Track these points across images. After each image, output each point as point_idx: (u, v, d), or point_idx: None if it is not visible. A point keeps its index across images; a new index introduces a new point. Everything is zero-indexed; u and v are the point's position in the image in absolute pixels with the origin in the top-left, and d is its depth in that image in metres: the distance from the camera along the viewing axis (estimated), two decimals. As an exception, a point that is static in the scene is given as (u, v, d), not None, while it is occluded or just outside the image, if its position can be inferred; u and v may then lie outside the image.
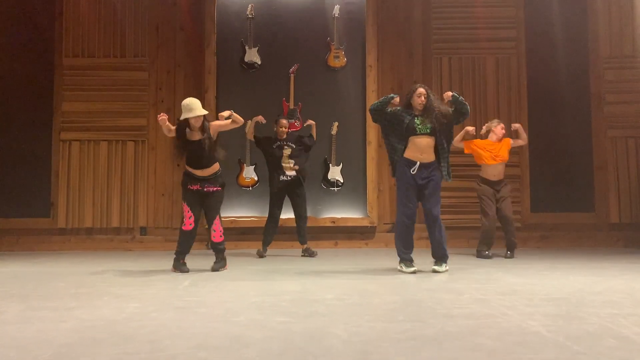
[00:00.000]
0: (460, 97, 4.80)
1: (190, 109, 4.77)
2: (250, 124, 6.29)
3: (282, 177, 6.19)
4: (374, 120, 4.92)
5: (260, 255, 6.19)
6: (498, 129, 6.09)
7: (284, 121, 6.36)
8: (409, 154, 4.66)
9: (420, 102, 4.69)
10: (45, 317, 2.94)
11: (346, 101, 7.53)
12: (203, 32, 7.43)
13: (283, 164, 6.20)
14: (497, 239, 6.07)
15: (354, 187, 7.39)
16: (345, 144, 7.42)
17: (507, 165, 6.23)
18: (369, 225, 7.27)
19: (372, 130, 7.30)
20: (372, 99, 7.38)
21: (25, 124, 7.36)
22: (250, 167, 7.29)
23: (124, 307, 3.21)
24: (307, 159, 6.42)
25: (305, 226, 6.29)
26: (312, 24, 7.56)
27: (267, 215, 6.31)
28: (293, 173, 6.20)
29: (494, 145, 6.05)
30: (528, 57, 7.59)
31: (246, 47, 7.48)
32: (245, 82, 7.50)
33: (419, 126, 4.65)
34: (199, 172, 4.86)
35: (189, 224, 4.85)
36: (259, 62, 7.49)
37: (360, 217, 7.33)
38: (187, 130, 4.86)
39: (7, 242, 7.14)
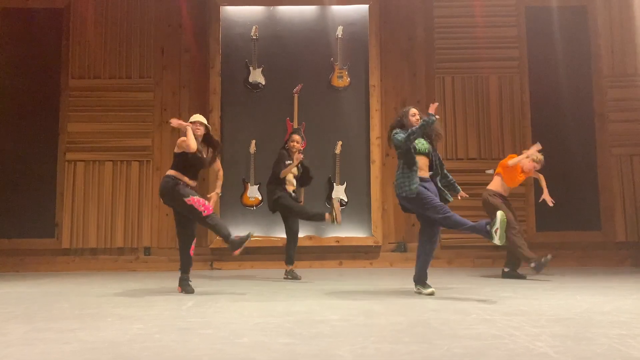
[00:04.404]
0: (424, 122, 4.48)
1: (195, 117, 4.88)
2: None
3: (288, 189, 5.87)
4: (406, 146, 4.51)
5: (296, 276, 5.84)
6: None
7: (297, 136, 6.02)
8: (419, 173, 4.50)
9: (415, 120, 4.60)
10: (49, 339, 2.92)
11: (350, 121, 7.56)
12: (208, 53, 7.51)
13: (287, 179, 5.87)
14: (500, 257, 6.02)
15: (358, 206, 7.38)
16: (349, 163, 7.43)
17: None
18: (374, 244, 7.24)
19: (376, 149, 7.32)
20: (375, 119, 7.42)
21: (30, 144, 7.42)
22: (255, 186, 7.30)
23: (128, 328, 3.19)
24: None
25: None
26: (316, 45, 7.64)
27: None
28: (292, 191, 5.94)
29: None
30: (531, 76, 7.63)
31: (250, 68, 7.55)
32: (249, 102, 7.55)
33: (418, 145, 4.55)
34: (191, 182, 4.77)
35: (208, 207, 4.61)
36: (263, 83, 7.56)
37: (365, 236, 7.31)
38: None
39: (11, 262, 7.14)
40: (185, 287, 4.77)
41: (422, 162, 4.54)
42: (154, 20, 7.64)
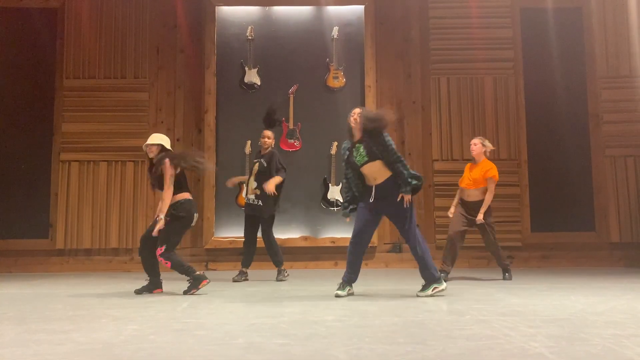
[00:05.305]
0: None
1: (150, 139, 4.84)
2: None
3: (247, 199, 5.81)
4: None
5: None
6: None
7: (267, 132, 5.85)
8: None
9: (352, 120, 4.55)
10: (42, 340, 2.91)
11: (345, 121, 7.51)
12: (203, 53, 7.50)
13: (248, 184, 5.76)
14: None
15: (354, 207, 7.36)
16: (345, 164, 7.42)
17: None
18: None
19: (372, 150, 7.31)
20: (371, 119, 7.40)
21: (25, 144, 7.39)
22: (250, 187, 7.28)
23: (122, 329, 3.17)
24: (277, 201, 5.73)
25: (274, 250, 5.86)
26: (312, 45, 7.63)
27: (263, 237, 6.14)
28: (252, 197, 5.71)
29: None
30: (525, 77, 7.66)
31: (246, 68, 7.54)
32: (244, 103, 7.54)
33: (357, 158, 4.45)
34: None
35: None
36: (259, 83, 7.55)
37: (360, 237, 7.29)
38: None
39: (5, 263, 7.10)
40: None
41: (373, 168, 4.39)
42: (149, 20, 7.62)
